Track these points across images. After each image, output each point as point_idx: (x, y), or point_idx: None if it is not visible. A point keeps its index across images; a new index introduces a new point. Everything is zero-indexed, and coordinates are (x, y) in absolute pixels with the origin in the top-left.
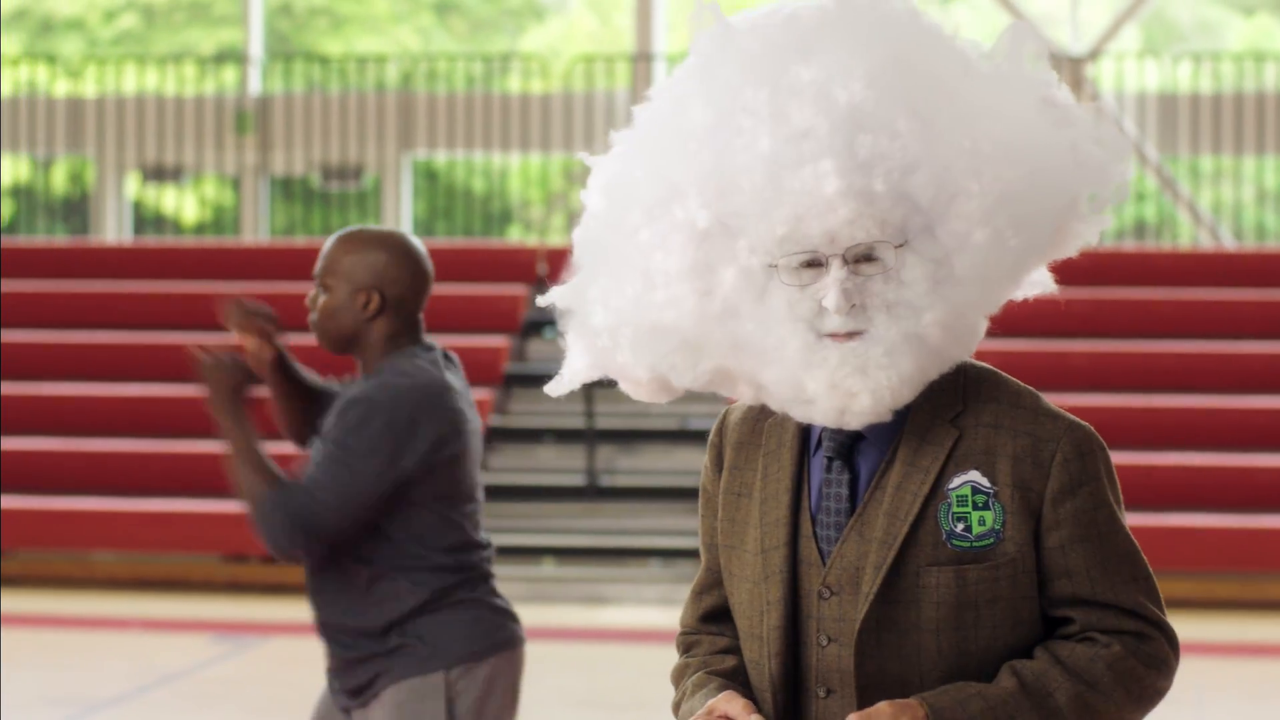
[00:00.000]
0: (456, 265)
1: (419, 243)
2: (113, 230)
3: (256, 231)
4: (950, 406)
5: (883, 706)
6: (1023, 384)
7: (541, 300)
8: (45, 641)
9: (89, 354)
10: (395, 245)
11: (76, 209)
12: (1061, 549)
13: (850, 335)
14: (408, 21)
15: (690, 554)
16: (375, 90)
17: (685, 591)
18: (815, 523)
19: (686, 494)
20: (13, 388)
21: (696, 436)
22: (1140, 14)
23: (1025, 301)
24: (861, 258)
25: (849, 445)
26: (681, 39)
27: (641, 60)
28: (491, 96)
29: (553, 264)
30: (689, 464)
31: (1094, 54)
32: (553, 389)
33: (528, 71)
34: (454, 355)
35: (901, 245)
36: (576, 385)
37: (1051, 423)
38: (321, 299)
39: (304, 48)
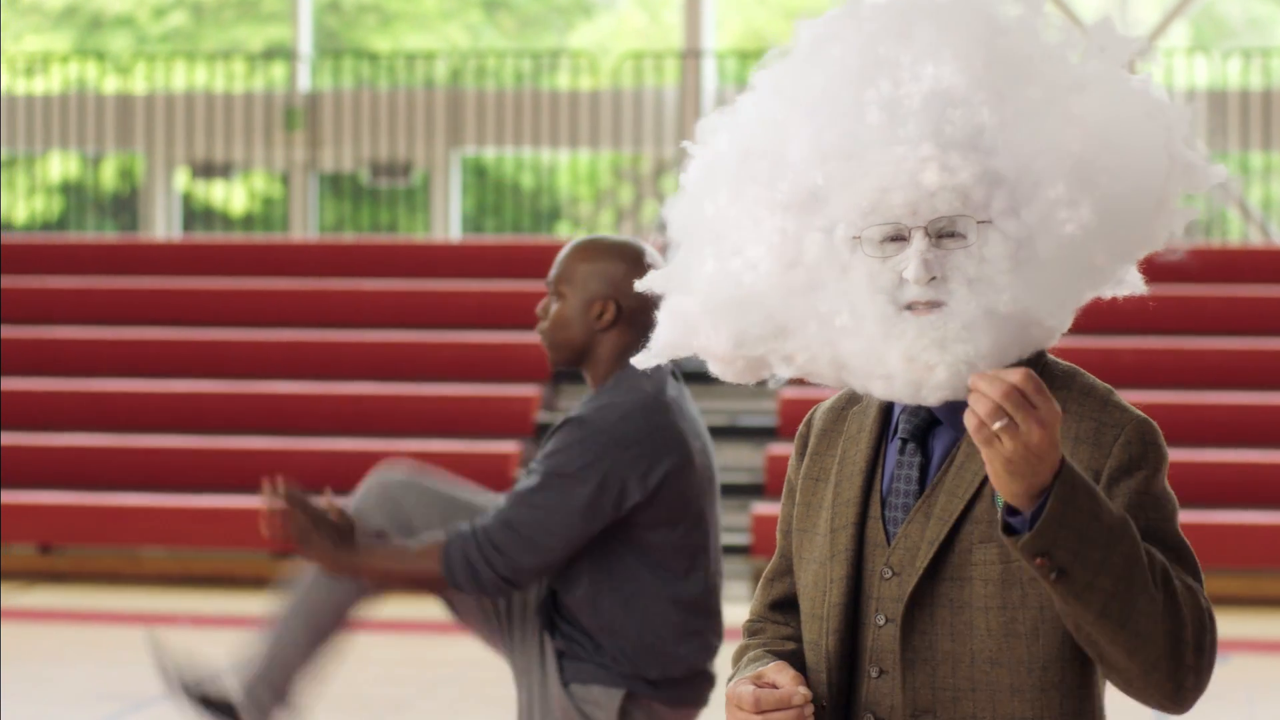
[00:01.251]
0: (505, 262)
1: (656, 254)
2: (162, 227)
3: (305, 228)
4: None
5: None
6: (1098, 380)
7: (639, 285)
8: (94, 637)
9: (138, 350)
10: (632, 255)
11: (126, 205)
12: None
13: (929, 307)
14: (456, 18)
15: (740, 550)
16: (424, 87)
17: (735, 587)
18: (885, 505)
19: (737, 491)
20: (62, 384)
21: (746, 434)
22: (1190, 10)
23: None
24: (944, 232)
25: (924, 429)
26: (730, 36)
27: (690, 57)
28: (540, 93)
29: None
30: (739, 461)
31: (1143, 50)
32: (640, 361)
33: (576, 68)
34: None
35: (985, 222)
36: (664, 359)
37: (1119, 413)
38: (554, 307)
39: (352, 44)
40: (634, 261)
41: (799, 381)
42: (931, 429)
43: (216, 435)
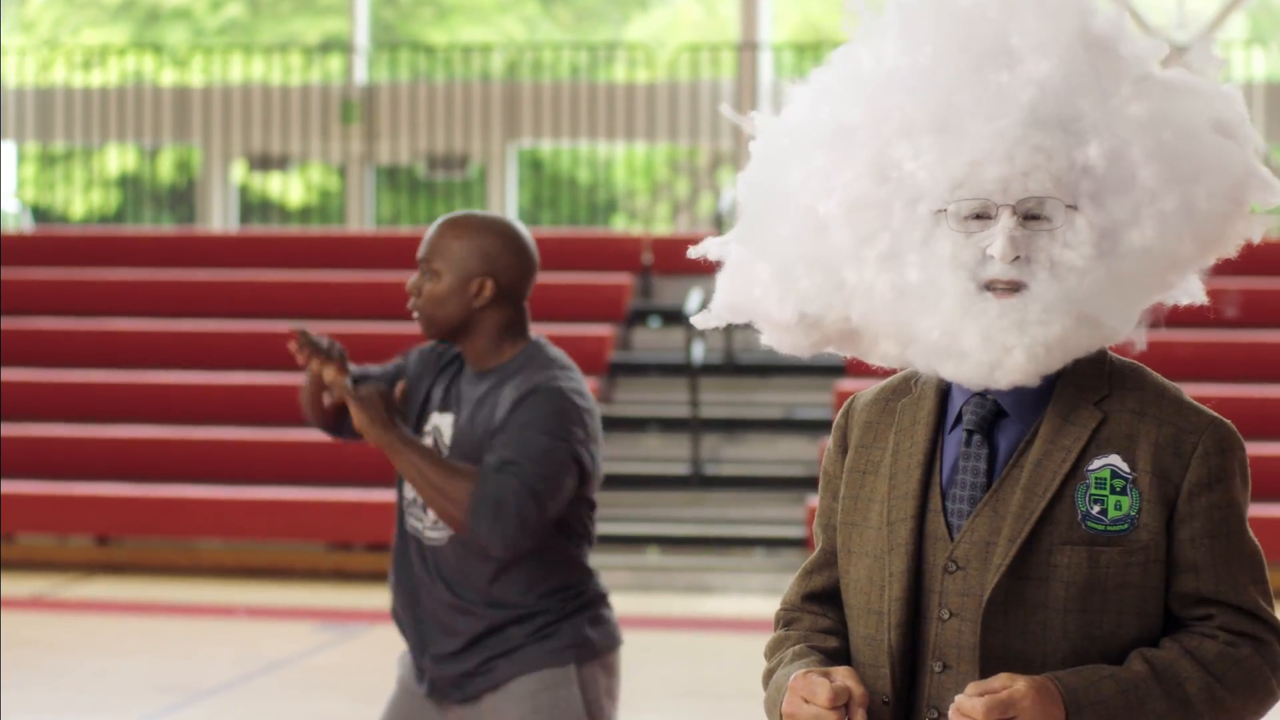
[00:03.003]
0: (561, 254)
1: (526, 229)
2: (219, 219)
3: (362, 221)
4: (1095, 390)
5: (1019, 683)
6: (1165, 379)
7: (694, 250)
8: (151, 629)
9: (196, 342)
10: (506, 231)
11: (183, 198)
12: (1192, 542)
13: (1011, 287)
14: (512, 11)
15: (794, 543)
16: (480, 80)
17: (788, 581)
18: (947, 497)
19: (791, 484)
20: (121, 376)
21: (801, 426)
22: (1247, 2)
23: None
24: (1031, 214)
25: (990, 420)
26: (786, 28)
27: (747, 49)
28: (596, 86)
29: (658, 253)
30: (794, 453)
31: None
32: (699, 321)
33: (633, 61)
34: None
35: (1072, 207)
36: (722, 323)
37: (1196, 416)
38: (428, 285)
39: (409, 37)
40: (508, 238)
41: (857, 374)
42: (997, 421)
43: (274, 427)
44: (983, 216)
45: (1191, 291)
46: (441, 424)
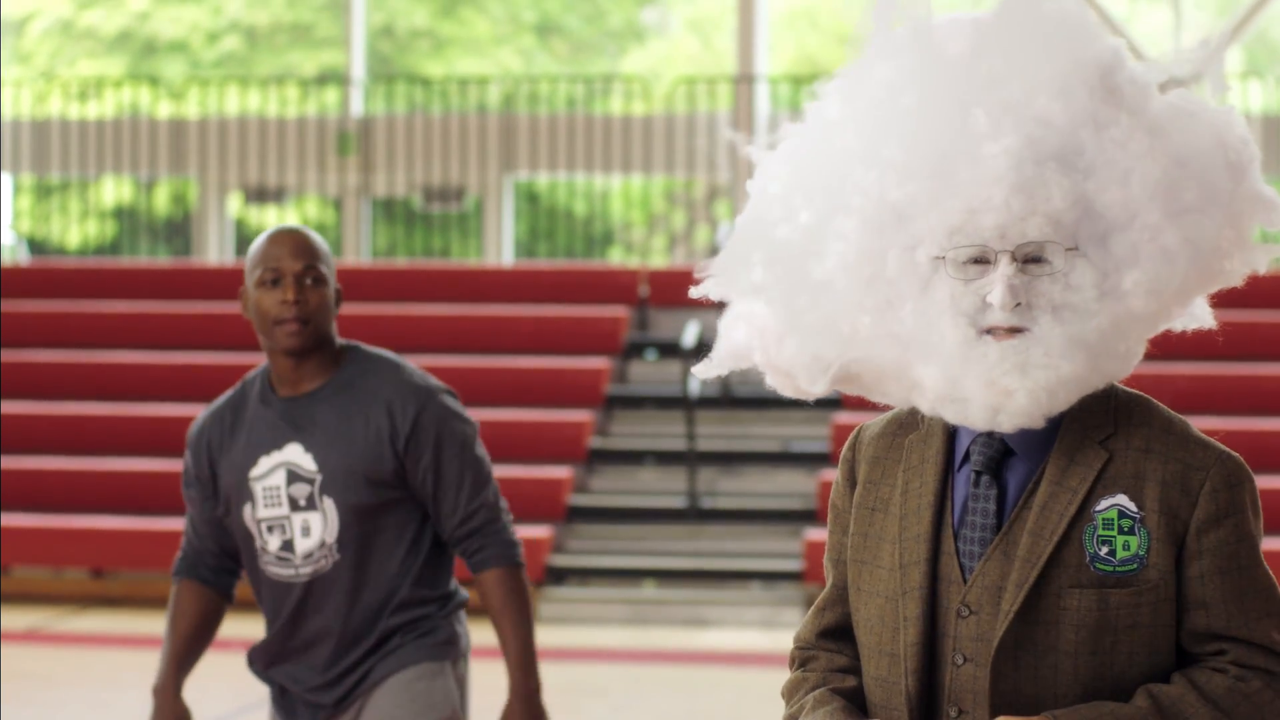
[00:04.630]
0: (558, 287)
1: None
2: (215, 251)
3: (358, 253)
4: (1101, 428)
5: None
6: (1172, 411)
7: (695, 291)
8: (147, 662)
9: (192, 374)
10: None
11: (179, 230)
12: (1201, 579)
13: (1012, 332)
14: (509, 43)
15: (791, 577)
16: (477, 112)
17: (787, 614)
18: (958, 538)
19: (788, 516)
20: (117, 408)
21: (798, 459)
22: (1243, 35)
23: None
24: (1030, 258)
25: (998, 460)
26: (783, 60)
27: (743, 82)
28: (593, 118)
29: (654, 286)
30: (791, 486)
31: (1197, 75)
32: (701, 371)
33: (629, 93)
34: None
35: (1073, 249)
36: (724, 370)
37: (1203, 451)
38: (315, 291)
39: (405, 69)
40: None
41: (854, 406)
42: (1005, 460)
43: None
44: (981, 261)
45: (1198, 317)
46: (290, 456)
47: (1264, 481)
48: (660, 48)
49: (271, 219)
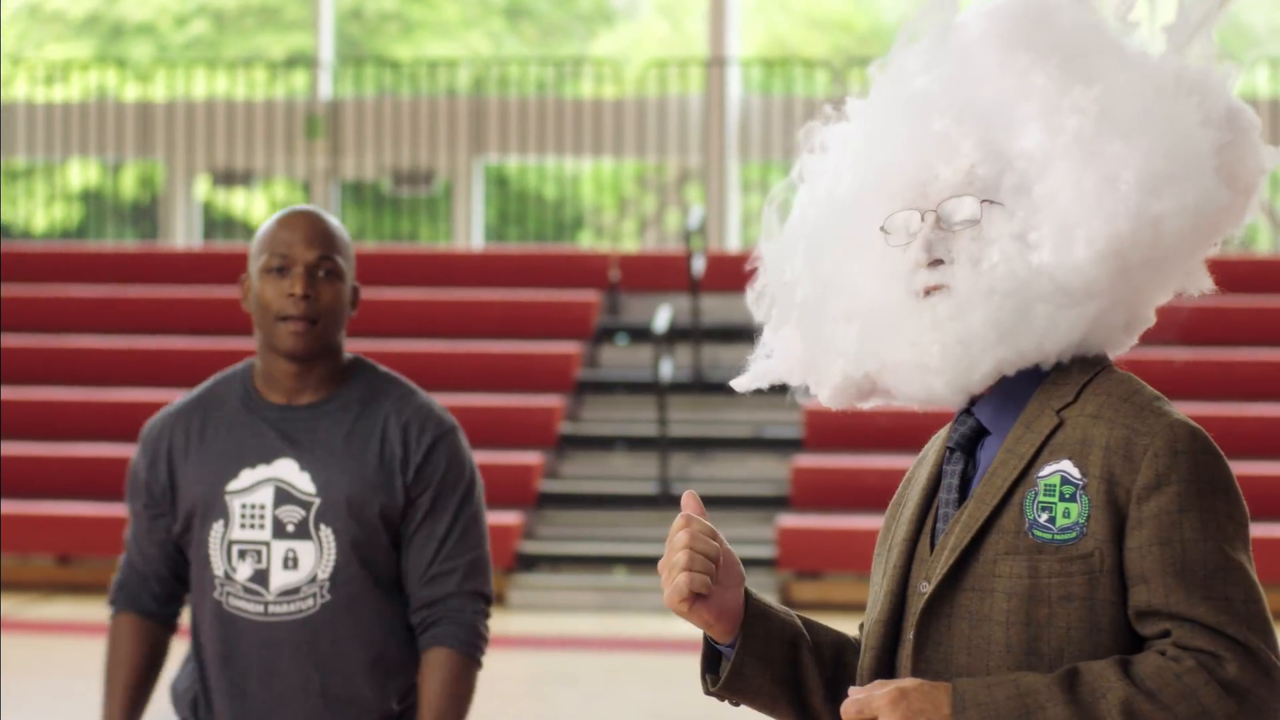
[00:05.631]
0: (528, 271)
1: None
2: (182, 235)
3: None
4: (1063, 398)
5: (909, 680)
6: (1149, 388)
7: (751, 301)
8: None
9: (159, 359)
10: None
11: (146, 214)
12: (1140, 551)
13: (935, 291)
14: (478, 26)
15: (764, 564)
16: (446, 95)
17: None
18: (936, 518)
19: (760, 503)
20: (82, 393)
21: (770, 445)
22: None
23: None
24: (954, 216)
25: (971, 438)
26: (754, 44)
27: (715, 65)
28: (563, 102)
29: (625, 270)
30: (763, 472)
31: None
32: (740, 384)
33: (599, 76)
34: None
35: (990, 201)
36: (764, 384)
37: (1154, 419)
38: (328, 286)
39: (374, 52)
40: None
41: None
42: (981, 439)
43: None
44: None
45: (1197, 282)
46: (282, 473)
47: (1241, 468)
48: (630, 31)
49: (239, 202)
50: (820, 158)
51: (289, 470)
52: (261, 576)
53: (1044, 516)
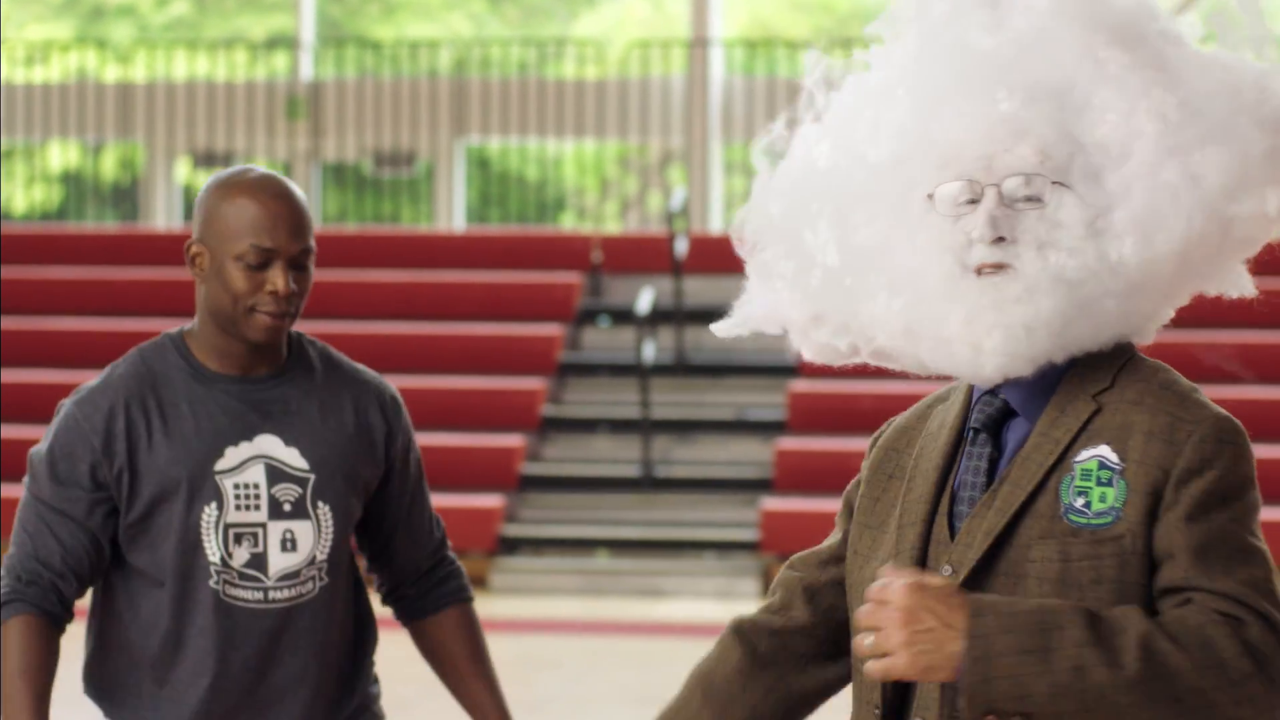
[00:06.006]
0: (509, 253)
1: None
2: (163, 216)
3: None
4: (1098, 383)
5: (902, 582)
6: (1184, 378)
7: (735, 242)
8: (77, 631)
9: (138, 342)
10: None
11: (126, 195)
12: (1169, 529)
13: (996, 269)
14: (460, 7)
15: (747, 546)
16: (427, 76)
17: (742, 585)
18: (956, 500)
19: (743, 485)
20: (61, 375)
21: (754, 427)
22: (1200, 1)
23: None
24: (1019, 193)
25: (998, 420)
26: (737, 24)
27: (697, 46)
28: (545, 83)
29: (607, 252)
30: (746, 455)
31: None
32: (720, 329)
33: (582, 57)
34: None
35: (1061, 184)
36: (745, 330)
37: (1198, 409)
38: (299, 276)
39: (355, 33)
40: None
41: (810, 374)
42: (1007, 420)
43: None
44: (972, 199)
45: (1237, 284)
46: (267, 449)
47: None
48: (612, 11)
49: None
50: (845, 107)
51: (274, 446)
52: (259, 561)
53: (1080, 501)
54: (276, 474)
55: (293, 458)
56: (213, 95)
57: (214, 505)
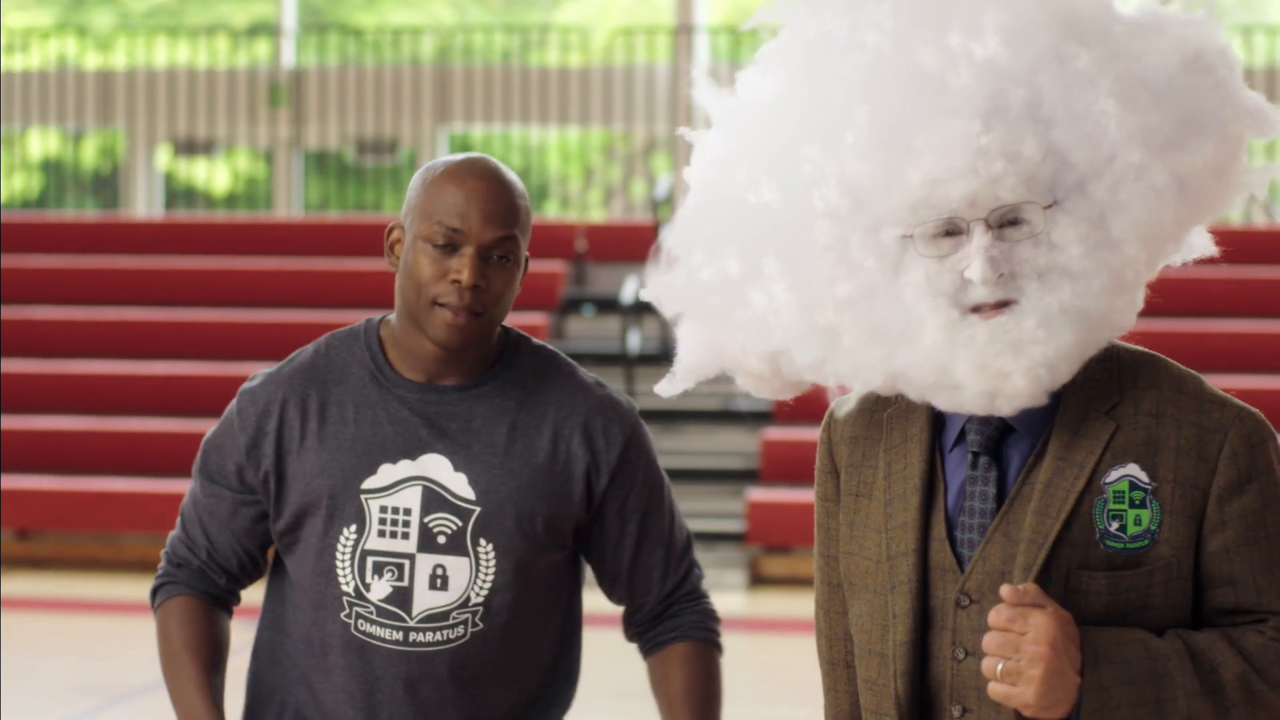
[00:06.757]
0: None
1: None
2: (143, 205)
3: (289, 206)
4: (1106, 397)
5: (1045, 615)
6: (1184, 367)
7: (645, 294)
8: (73, 627)
9: (119, 331)
10: None
11: (107, 183)
12: (1226, 553)
13: (999, 307)
14: None
15: (733, 538)
16: (410, 64)
17: (728, 576)
18: (954, 525)
19: (730, 476)
20: (42, 366)
21: (740, 418)
22: None
23: None
24: (1006, 221)
25: (997, 439)
26: (722, 11)
27: (682, 33)
28: (529, 70)
29: (592, 240)
30: (732, 445)
31: None
32: (664, 389)
33: (565, 45)
34: None
35: (1051, 205)
36: (691, 383)
37: (1219, 411)
38: (500, 273)
39: (338, 21)
40: None
41: None
42: (1004, 437)
43: (199, 418)
44: (953, 233)
45: (1196, 246)
46: (430, 471)
47: None
48: None
49: (201, 172)
50: (774, 138)
51: (440, 468)
52: (402, 596)
53: (1114, 525)
54: (434, 500)
55: (458, 485)
56: (194, 83)
57: (353, 528)
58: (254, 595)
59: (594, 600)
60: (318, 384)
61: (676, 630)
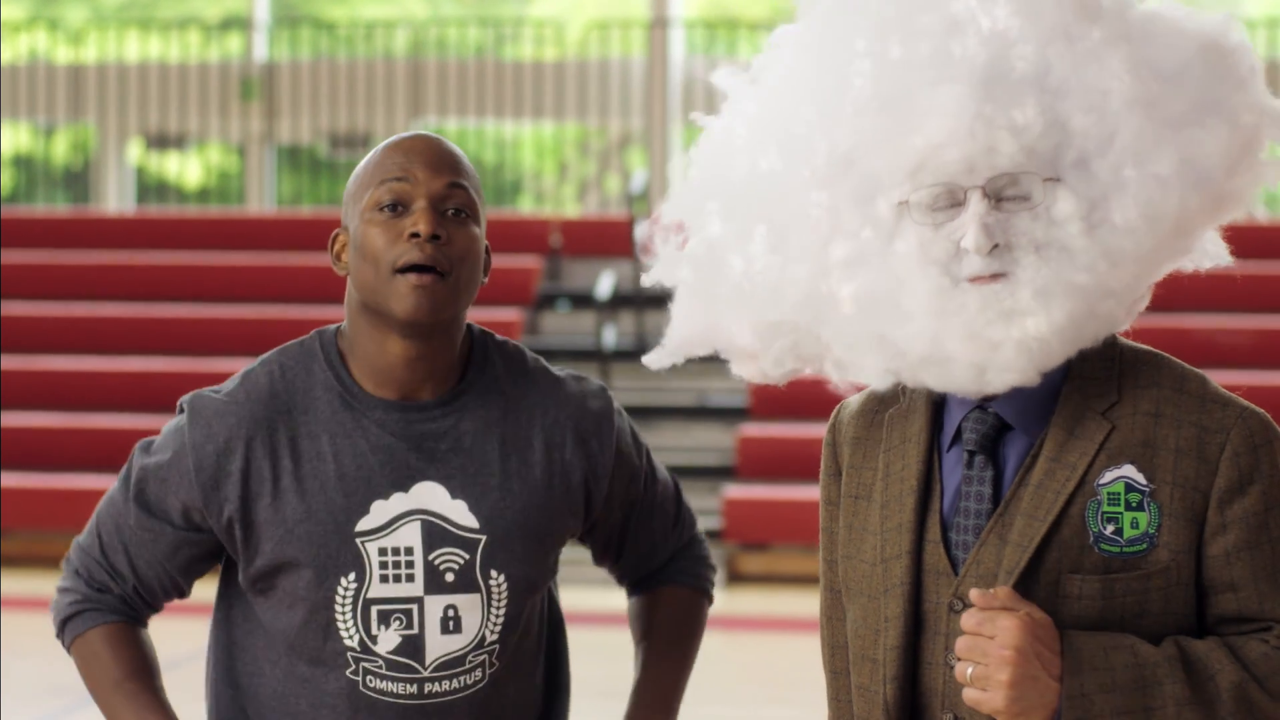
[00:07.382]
0: None
1: None
2: (115, 199)
3: (262, 201)
4: (1104, 397)
5: (1013, 618)
6: (1187, 366)
7: (647, 279)
8: (46, 627)
9: (90, 327)
10: None
11: (78, 178)
12: (1227, 558)
13: (993, 278)
14: None
15: (713, 535)
16: (383, 57)
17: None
18: (949, 527)
19: (706, 473)
20: (13, 361)
21: (715, 414)
22: None
23: None
24: (1005, 193)
25: (993, 437)
26: (697, 5)
27: (657, 27)
28: (503, 64)
29: (566, 235)
30: (708, 441)
31: None
32: (652, 360)
33: (540, 38)
34: None
35: (1052, 179)
36: (680, 358)
37: (1220, 410)
38: (460, 228)
39: (310, 14)
40: None
41: None
42: (1001, 436)
43: (172, 414)
44: (951, 203)
45: (1212, 254)
46: (427, 502)
47: None
48: None
49: (173, 166)
50: (780, 103)
51: (436, 498)
52: (413, 645)
53: (1110, 528)
54: (436, 535)
55: (459, 513)
56: (166, 77)
57: (352, 576)
58: (200, 593)
59: (573, 598)
60: (283, 415)
61: (666, 575)
